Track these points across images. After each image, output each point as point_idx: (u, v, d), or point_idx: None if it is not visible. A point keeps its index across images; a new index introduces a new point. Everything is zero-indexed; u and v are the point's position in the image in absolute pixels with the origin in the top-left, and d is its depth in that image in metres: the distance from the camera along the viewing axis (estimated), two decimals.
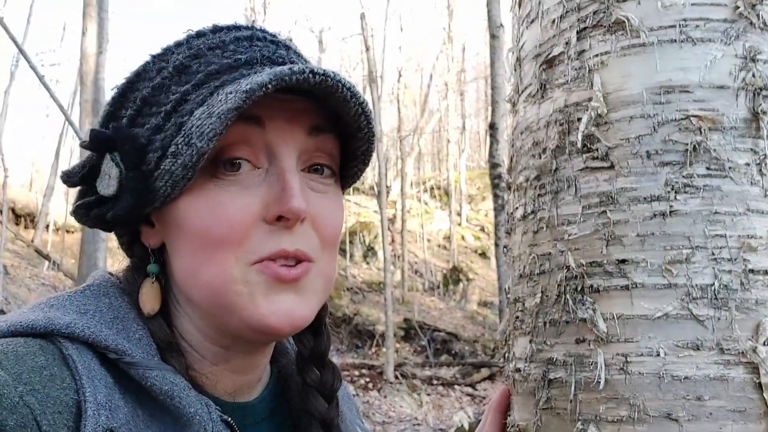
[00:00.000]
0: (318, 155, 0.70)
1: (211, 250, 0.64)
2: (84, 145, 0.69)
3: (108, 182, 0.67)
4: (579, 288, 0.71)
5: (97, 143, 0.67)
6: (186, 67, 0.67)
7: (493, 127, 6.21)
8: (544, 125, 0.79)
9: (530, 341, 0.76)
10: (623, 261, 0.68)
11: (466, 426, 6.61)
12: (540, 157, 0.78)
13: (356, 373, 9.82)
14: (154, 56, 0.71)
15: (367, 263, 19.32)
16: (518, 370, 0.78)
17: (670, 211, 0.67)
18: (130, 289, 0.70)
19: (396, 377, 9.55)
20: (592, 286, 0.70)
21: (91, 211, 0.69)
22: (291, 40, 0.75)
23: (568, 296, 0.72)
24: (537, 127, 0.80)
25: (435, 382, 9.88)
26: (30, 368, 0.56)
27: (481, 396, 9.02)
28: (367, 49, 10.00)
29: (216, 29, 0.71)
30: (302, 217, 0.65)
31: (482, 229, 23.77)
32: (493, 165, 6.00)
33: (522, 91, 0.86)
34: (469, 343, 14.45)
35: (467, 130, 24.96)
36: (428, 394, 9.30)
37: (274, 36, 0.73)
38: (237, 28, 0.72)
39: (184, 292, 0.69)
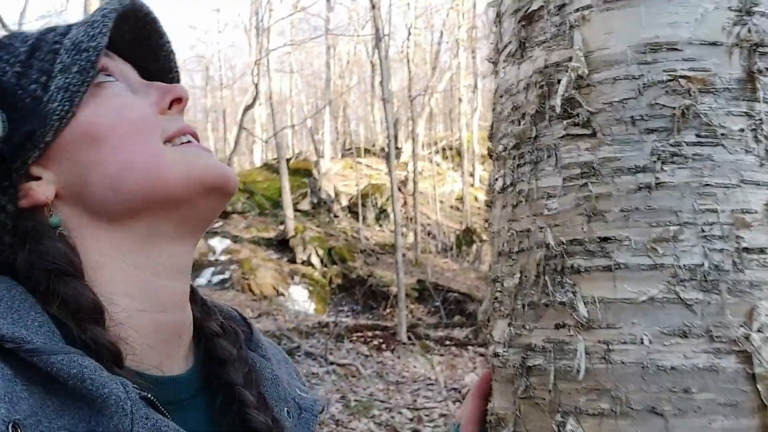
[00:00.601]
0: None
1: (133, 132, 0.67)
2: None
3: None
4: (558, 268, 0.65)
5: None
6: (7, 44, 0.69)
7: None
8: (523, 88, 0.72)
9: (509, 324, 0.71)
10: (606, 239, 0.62)
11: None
12: (519, 124, 0.72)
13: (369, 334, 9.85)
14: None
15: (380, 225, 19.30)
16: (497, 355, 0.73)
17: (657, 184, 0.60)
18: (48, 257, 0.63)
19: (409, 338, 9.57)
20: (572, 266, 0.64)
21: None
22: None
23: (547, 277, 0.66)
24: (516, 90, 0.73)
25: (448, 342, 9.90)
26: None
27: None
28: (373, 7, 9.77)
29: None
30: (188, 99, 0.73)
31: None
32: None
33: (502, 50, 0.79)
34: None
35: (479, 88, 24.58)
36: (441, 355, 9.32)
37: None
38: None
39: (118, 205, 0.65)
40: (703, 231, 0.59)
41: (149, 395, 0.59)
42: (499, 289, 0.74)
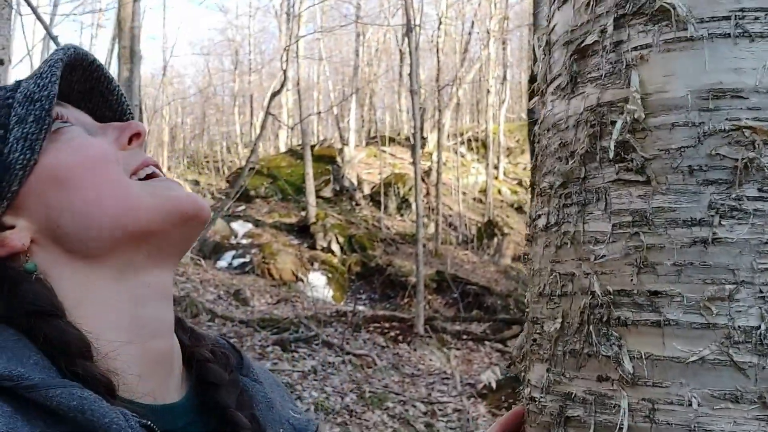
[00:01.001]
0: None
1: (101, 170, 0.67)
2: None
3: None
4: (604, 319, 0.63)
5: None
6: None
7: (534, 80, 5.99)
8: (573, 124, 0.69)
9: (547, 370, 0.69)
10: (656, 293, 0.60)
11: (494, 385, 6.62)
12: (567, 162, 0.69)
13: (387, 325, 9.87)
14: None
15: (401, 215, 19.27)
16: (533, 400, 0.71)
17: (713, 239, 0.58)
18: (26, 303, 0.63)
19: (426, 331, 9.56)
20: (619, 318, 0.62)
21: None
22: None
23: (591, 327, 0.63)
24: (565, 125, 0.71)
25: (465, 337, 9.88)
26: None
27: (511, 352, 9.01)
28: None
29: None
30: (145, 133, 0.74)
31: (519, 183, 23.45)
32: (535, 120, 5.81)
33: (551, 82, 0.76)
34: (502, 298, 14.41)
35: (508, 80, 24.36)
36: (458, 349, 9.32)
37: None
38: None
39: (92, 242, 0.66)
40: (761, 291, 0.56)
41: (148, 422, 0.60)
42: (538, 331, 0.72)
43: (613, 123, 0.64)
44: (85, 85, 0.77)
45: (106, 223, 0.66)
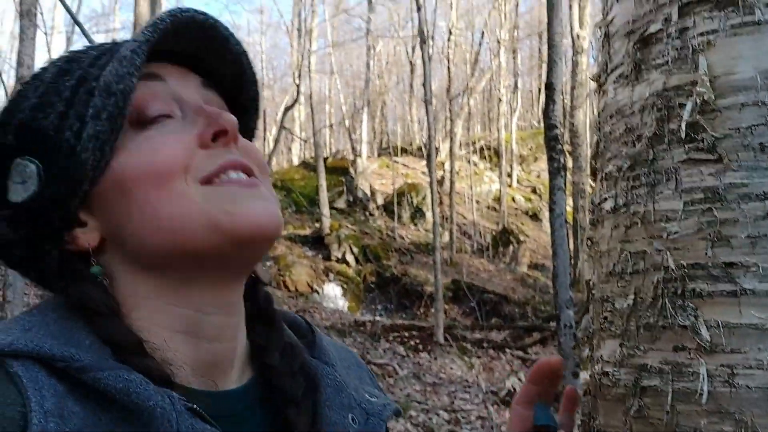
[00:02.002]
0: (217, 106, 0.71)
1: (160, 181, 0.63)
2: None
3: (24, 187, 0.65)
4: (679, 292, 0.65)
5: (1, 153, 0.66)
6: (66, 70, 0.68)
7: (549, 87, 6.01)
8: (638, 110, 0.72)
9: (620, 345, 0.71)
10: (731, 264, 0.63)
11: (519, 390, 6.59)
12: (634, 145, 0.72)
13: (406, 334, 9.88)
14: (24, 83, 0.70)
15: (415, 224, 19.29)
16: (605, 374, 0.73)
17: None
18: (85, 300, 0.65)
19: (446, 339, 9.56)
20: (694, 290, 0.64)
21: (18, 229, 0.66)
22: None
23: (666, 300, 0.66)
24: (630, 111, 0.74)
25: (485, 345, 9.87)
26: None
27: (532, 360, 8.98)
28: (419, 9, 9.77)
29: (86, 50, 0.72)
30: (236, 131, 0.66)
31: (534, 191, 23.41)
32: (549, 126, 5.81)
33: (611, 71, 0.79)
34: (520, 306, 14.37)
35: (519, 89, 24.40)
36: (479, 357, 9.30)
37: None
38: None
39: (148, 256, 0.66)
40: None
41: (195, 406, 0.60)
42: (609, 309, 0.74)
43: (681, 106, 0.67)
44: (197, 44, 0.70)
45: (160, 240, 0.64)
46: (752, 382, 0.60)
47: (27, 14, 4.73)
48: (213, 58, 0.71)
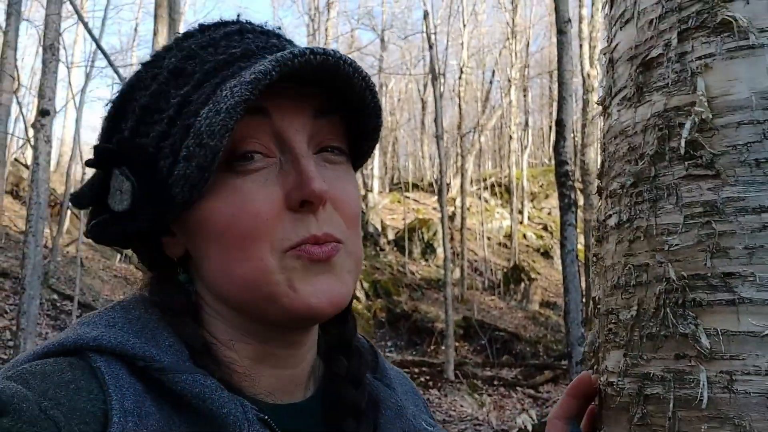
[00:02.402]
0: (328, 137, 0.70)
1: (242, 244, 0.64)
2: (89, 163, 0.68)
3: (120, 197, 0.66)
4: (680, 301, 0.68)
5: (103, 159, 0.67)
6: (181, 69, 0.67)
7: (560, 124, 6.08)
8: (641, 130, 0.76)
9: (624, 355, 0.74)
10: (729, 274, 0.65)
11: (530, 428, 6.51)
12: (637, 163, 0.76)
13: (416, 370, 9.82)
14: (145, 64, 0.70)
15: (426, 260, 19.28)
16: (610, 384, 0.76)
17: None
18: (167, 298, 0.68)
19: (456, 376, 9.49)
20: (694, 299, 0.67)
21: (109, 229, 0.68)
22: (280, 28, 0.75)
23: (667, 310, 0.69)
24: (633, 131, 0.77)
25: (496, 382, 9.78)
26: (56, 384, 0.57)
27: (543, 398, 8.88)
28: (431, 47, 9.95)
29: (204, 28, 0.71)
30: (325, 199, 0.65)
31: (545, 228, 23.38)
32: (560, 162, 5.87)
33: (615, 94, 0.83)
34: (531, 344, 14.24)
35: (530, 126, 24.58)
36: (489, 395, 9.21)
37: (262, 26, 0.73)
38: (224, 24, 0.72)
39: (218, 294, 0.68)
40: None
41: (266, 417, 0.61)
42: (613, 320, 0.77)
43: (681, 125, 0.71)
44: (321, 74, 0.66)
45: (231, 291, 0.67)
46: (750, 388, 0.62)
47: (50, 48, 4.87)
48: (337, 83, 0.67)
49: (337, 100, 0.69)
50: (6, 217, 14.14)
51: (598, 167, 0.87)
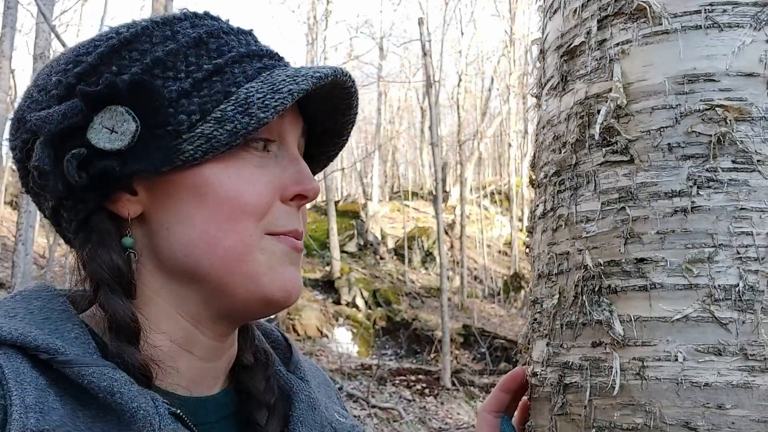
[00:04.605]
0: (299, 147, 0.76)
1: (238, 216, 0.65)
2: (90, 92, 0.63)
3: (111, 136, 0.62)
4: (596, 288, 0.67)
5: (98, 94, 0.62)
6: (204, 42, 0.68)
7: None
8: (564, 118, 0.76)
9: (547, 344, 0.73)
10: (642, 260, 0.65)
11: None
12: (560, 152, 0.75)
13: (413, 378, 9.77)
14: (154, 22, 0.68)
15: (426, 269, 19.25)
16: (535, 374, 0.75)
17: (692, 207, 0.63)
18: (97, 264, 0.64)
19: (453, 384, 9.45)
20: (609, 286, 0.66)
21: (84, 169, 0.62)
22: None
23: (584, 297, 0.68)
24: (558, 120, 0.77)
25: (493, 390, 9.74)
26: None
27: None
28: (425, 55, 9.98)
29: (209, 15, 0.73)
30: (315, 198, 0.71)
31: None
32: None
33: (545, 84, 0.83)
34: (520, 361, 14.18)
35: (530, 133, 24.59)
36: None
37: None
38: (223, 20, 0.74)
39: (184, 265, 0.65)
40: (739, 253, 0.61)
41: (178, 411, 0.60)
42: (538, 310, 0.76)
43: (600, 111, 0.70)
44: (328, 93, 0.72)
45: (204, 266, 0.65)
46: (661, 374, 0.62)
47: (40, 57, 4.89)
48: (333, 104, 0.75)
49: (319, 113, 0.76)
50: (4, 227, 14.15)
51: (530, 159, 0.86)
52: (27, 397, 0.54)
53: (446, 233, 15.84)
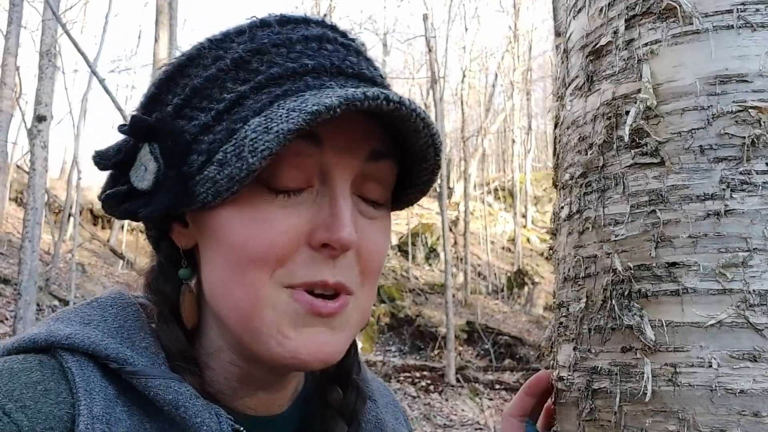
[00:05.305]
0: (372, 186, 0.65)
1: (246, 267, 0.59)
2: (123, 130, 0.63)
3: (143, 175, 0.62)
4: (626, 293, 0.66)
5: (138, 131, 0.62)
6: (246, 62, 0.61)
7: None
8: (590, 119, 0.74)
9: (574, 349, 0.72)
10: (674, 264, 0.64)
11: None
12: (586, 153, 0.74)
13: (417, 374, 9.78)
14: (211, 41, 0.64)
15: (429, 265, 19.25)
16: (561, 379, 0.74)
17: (726, 211, 0.62)
18: (156, 295, 0.65)
19: (458, 380, 9.45)
20: (639, 290, 0.65)
21: (122, 204, 0.64)
22: (363, 44, 0.70)
23: (614, 301, 0.67)
24: (583, 121, 0.76)
25: (498, 386, 9.73)
26: (23, 384, 0.55)
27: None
28: (429, 51, 9.95)
29: (283, 21, 0.65)
30: (350, 249, 0.60)
31: (549, 231, 23.31)
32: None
33: (569, 84, 0.81)
34: (535, 348, 14.18)
35: (533, 130, 24.56)
36: (490, 399, 9.17)
37: (345, 36, 0.68)
38: (306, 22, 0.66)
39: (212, 304, 0.64)
40: None
41: (242, 429, 0.59)
42: (564, 314, 0.75)
43: (628, 113, 0.69)
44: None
45: (223, 313, 0.63)
46: (694, 380, 0.61)
47: (46, 54, 4.89)
48: (401, 128, 0.62)
49: (396, 144, 0.65)
50: (9, 224, 14.17)
51: (553, 159, 0.85)
52: (95, 407, 0.55)
53: (450, 230, 15.82)
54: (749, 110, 0.63)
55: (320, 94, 0.58)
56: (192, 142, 0.61)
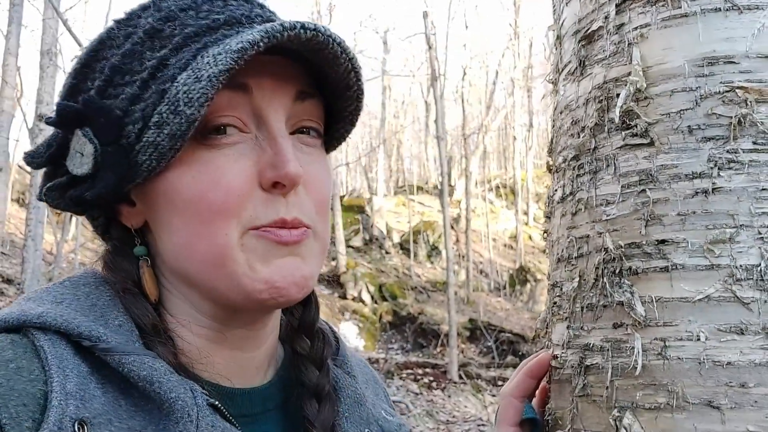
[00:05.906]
0: (305, 119, 0.67)
1: (207, 218, 0.61)
2: (50, 122, 0.63)
3: (81, 160, 0.62)
4: (617, 270, 0.68)
5: (65, 119, 0.63)
6: (158, 30, 0.63)
7: None
8: (583, 103, 0.76)
9: (567, 327, 0.74)
10: (663, 241, 0.65)
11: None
12: (578, 136, 0.76)
13: (420, 371, 9.79)
14: (118, 21, 0.66)
15: (431, 263, 19.25)
16: (555, 357, 0.75)
17: (713, 189, 0.63)
18: (117, 273, 0.66)
19: (460, 377, 9.46)
20: (630, 268, 0.67)
21: (66, 193, 0.64)
22: None
23: (605, 279, 0.69)
24: (576, 105, 0.77)
25: (500, 383, 9.74)
26: None
27: None
28: (429, 48, 9.96)
29: None
30: (298, 182, 0.62)
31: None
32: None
33: (562, 70, 0.83)
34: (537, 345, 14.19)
35: (534, 127, 24.54)
36: (493, 395, 9.18)
37: None
38: None
39: (177, 269, 0.65)
40: (760, 233, 0.61)
41: (217, 402, 0.59)
42: (558, 294, 0.77)
43: (619, 95, 0.71)
44: (307, 48, 0.62)
45: (191, 268, 0.63)
46: (683, 354, 0.62)
47: (47, 53, 4.90)
48: (321, 61, 0.64)
49: (319, 78, 0.66)
50: (12, 224, 14.20)
51: (548, 144, 0.87)
52: (68, 384, 0.54)
53: (452, 227, 15.84)
54: (736, 90, 0.64)
55: (239, 36, 0.59)
56: (124, 115, 0.61)
